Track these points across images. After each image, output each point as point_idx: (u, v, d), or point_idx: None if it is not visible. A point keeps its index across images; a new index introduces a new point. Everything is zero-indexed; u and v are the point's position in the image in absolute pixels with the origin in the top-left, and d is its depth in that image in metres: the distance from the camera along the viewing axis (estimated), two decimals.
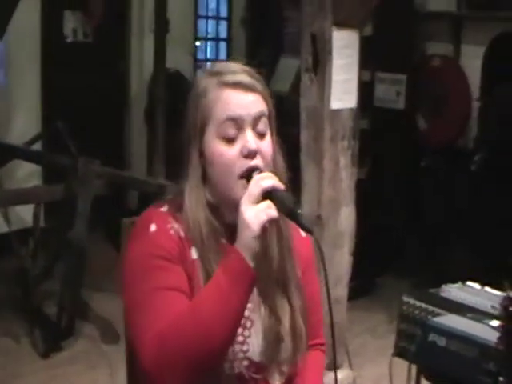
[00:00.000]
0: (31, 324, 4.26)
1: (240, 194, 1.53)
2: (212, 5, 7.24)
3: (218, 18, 7.29)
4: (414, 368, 2.31)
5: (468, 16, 5.51)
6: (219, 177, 1.57)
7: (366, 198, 3.93)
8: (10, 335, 4.28)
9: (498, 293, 2.41)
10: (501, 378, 1.90)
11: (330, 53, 3.16)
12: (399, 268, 5.54)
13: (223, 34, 7.33)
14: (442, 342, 2.09)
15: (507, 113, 4.98)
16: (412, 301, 2.39)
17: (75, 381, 3.93)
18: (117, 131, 6.52)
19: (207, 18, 7.22)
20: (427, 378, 2.21)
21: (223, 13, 7.27)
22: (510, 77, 5.03)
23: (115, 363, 4.07)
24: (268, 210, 1.45)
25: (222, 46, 7.40)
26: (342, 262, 3.51)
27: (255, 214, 1.44)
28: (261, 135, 1.58)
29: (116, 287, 4.97)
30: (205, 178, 1.59)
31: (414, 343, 2.22)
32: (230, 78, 1.57)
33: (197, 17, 6.97)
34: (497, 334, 1.97)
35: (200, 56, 7.21)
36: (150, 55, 6.02)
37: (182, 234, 1.55)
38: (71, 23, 6.07)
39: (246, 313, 1.54)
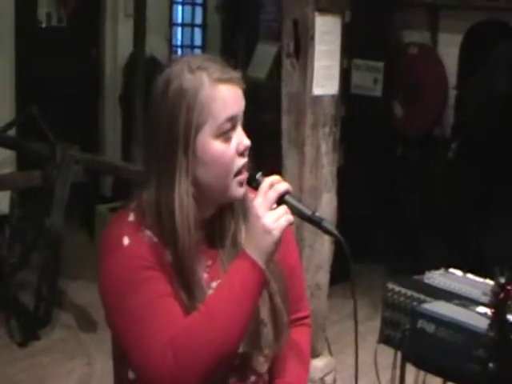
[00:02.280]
0: (7, 313, 4.20)
1: (235, 192, 1.53)
2: None
3: (193, 4, 7.21)
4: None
5: (445, 4, 5.52)
6: (215, 177, 1.51)
7: (341, 186, 3.93)
8: None
9: (481, 279, 2.42)
10: (490, 365, 1.90)
11: (312, 38, 3.15)
12: (374, 255, 5.55)
13: (198, 19, 7.27)
14: (430, 328, 2.08)
15: (483, 101, 5.00)
16: (397, 288, 2.38)
17: (53, 370, 3.88)
18: (91, 117, 6.44)
19: (183, 3, 7.14)
20: (416, 365, 2.20)
21: None
22: (486, 65, 5.04)
23: (93, 352, 4.04)
24: (287, 215, 1.44)
25: (197, 32, 7.33)
26: (323, 248, 3.51)
27: (275, 219, 1.43)
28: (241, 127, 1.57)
29: (91, 275, 4.94)
30: (194, 181, 1.51)
31: (402, 330, 2.22)
32: (222, 74, 1.51)
33: (172, 2, 6.89)
34: (485, 321, 1.97)
35: (175, 42, 7.14)
36: (124, 41, 5.98)
37: (155, 239, 1.50)
38: (45, 8, 5.97)
39: None
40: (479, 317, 2.04)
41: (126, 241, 1.49)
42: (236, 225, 1.59)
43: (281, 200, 1.46)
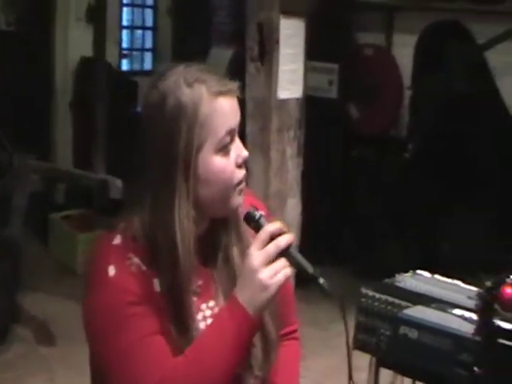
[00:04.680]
0: None
1: (236, 201, 1.48)
2: None
3: (143, 6, 7.14)
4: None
5: (399, 5, 5.56)
6: (216, 193, 1.45)
7: (302, 189, 3.91)
8: None
9: (449, 280, 2.42)
10: (476, 369, 1.89)
11: (277, 42, 3.13)
12: (336, 256, 5.54)
13: (149, 22, 7.18)
14: (413, 334, 2.06)
15: (442, 103, 5.04)
16: (370, 292, 2.35)
17: None
18: (41, 122, 6.29)
19: (133, 5, 7.06)
20: (398, 372, 2.18)
21: (149, 1, 7.13)
22: (442, 66, 5.09)
23: (55, 367, 3.92)
24: (285, 269, 1.39)
25: (148, 35, 7.25)
26: None
27: (273, 274, 1.38)
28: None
29: (48, 287, 4.78)
30: (194, 201, 1.44)
31: (377, 335, 2.19)
32: (221, 87, 1.44)
33: (122, 5, 6.79)
34: (467, 324, 1.96)
35: (125, 45, 7.05)
36: (74, 45, 5.87)
37: (143, 267, 1.42)
38: None
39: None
40: (461, 321, 2.02)
41: (111, 271, 1.40)
42: (228, 239, 1.54)
43: (281, 252, 1.39)
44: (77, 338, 3.63)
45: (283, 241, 1.39)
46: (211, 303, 1.53)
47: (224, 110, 1.44)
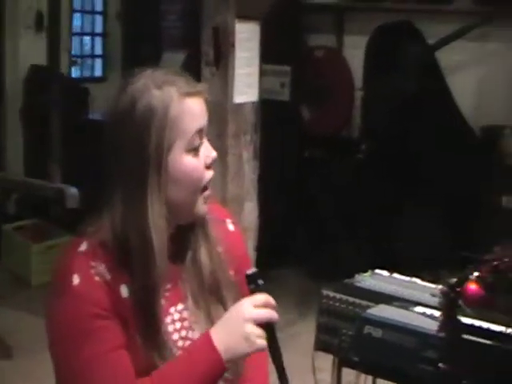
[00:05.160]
0: None
1: (201, 209, 1.49)
2: None
3: (93, 13, 7.07)
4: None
5: (350, 6, 5.61)
6: (185, 194, 1.47)
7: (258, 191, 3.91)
8: None
9: (407, 278, 2.45)
10: (441, 365, 1.92)
11: (232, 46, 3.14)
12: (292, 257, 5.56)
13: (98, 28, 7.12)
14: (378, 333, 2.07)
15: (395, 104, 5.09)
16: (331, 293, 2.36)
17: None
18: None
19: (82, 12, 6.98)
20: (364, 372, 2.19)
21: (98, 7, 7.07)
22: (393, 67, 5.15)
23: (12, 380, 3.85)
24: (264, 340, 1.43)
25: (98, 41, 7.19)
26: None
27: (258, 335, 1.42)
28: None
29: (2, 298, 4.66)
30: (165, 202, 1.45)
31: (339, 336, 2.21)
32: (190, 88, 1.46)
33: (72, 11, 6.72)
34: (430, 321, 1.98)
35: (75, 52, 6.98)
36: (24, 53, 5.78)
37: (108, 276, 1.41)
38: None
39: (187, 323, 1.52)
40: (424, 318, 2.05)
41: (75, 280, 1.39)
42: (195, 243, 1.55)
43: (265, 325, 1.44)
44: (33, 350, 3.62)
45: (275, 316, 1.44)
46: (180, 306, 1.53)
47: (193, 110, 1.46)
